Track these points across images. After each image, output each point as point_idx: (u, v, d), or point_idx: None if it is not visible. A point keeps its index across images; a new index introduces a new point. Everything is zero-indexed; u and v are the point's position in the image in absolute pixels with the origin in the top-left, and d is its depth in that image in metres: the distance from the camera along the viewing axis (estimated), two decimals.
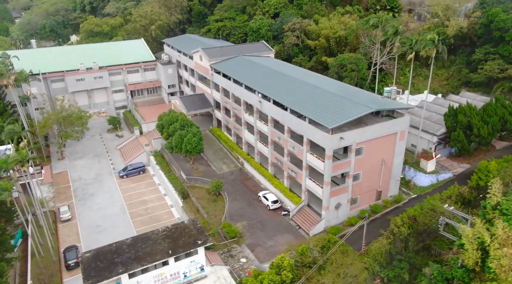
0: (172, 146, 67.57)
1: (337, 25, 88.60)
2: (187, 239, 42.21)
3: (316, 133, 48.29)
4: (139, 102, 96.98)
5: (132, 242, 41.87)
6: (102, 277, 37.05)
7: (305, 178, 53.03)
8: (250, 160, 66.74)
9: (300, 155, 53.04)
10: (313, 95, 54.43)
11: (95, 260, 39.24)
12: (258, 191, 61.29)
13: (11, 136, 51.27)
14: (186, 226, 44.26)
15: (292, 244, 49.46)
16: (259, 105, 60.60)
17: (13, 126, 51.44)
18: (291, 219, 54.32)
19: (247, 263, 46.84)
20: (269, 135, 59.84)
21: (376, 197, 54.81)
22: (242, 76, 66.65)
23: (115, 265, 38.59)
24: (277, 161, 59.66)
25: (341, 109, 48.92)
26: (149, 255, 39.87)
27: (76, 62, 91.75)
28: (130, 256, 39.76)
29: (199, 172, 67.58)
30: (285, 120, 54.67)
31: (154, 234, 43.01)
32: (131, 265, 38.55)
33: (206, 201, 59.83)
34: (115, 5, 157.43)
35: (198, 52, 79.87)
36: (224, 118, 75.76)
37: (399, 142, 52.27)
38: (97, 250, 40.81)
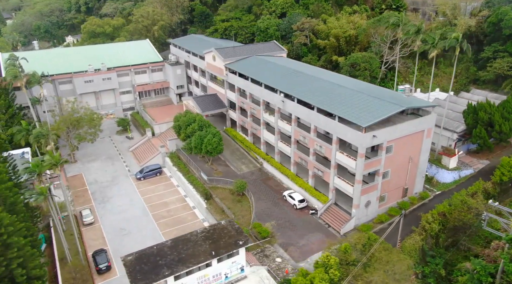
0: (191, 146, 67.16)
1: (346, 24, 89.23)
2: (228, 240, 42.02)
3: (348, 131, 48.59)
4: (147, 103, 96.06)
5: (172, 244, 41.49)
6: (149, 280, 36.64)
7: (333, 176, 53.31)
8: (270, 160, 66.76)
9: (328, 153, 53.31)
10: (338, 94, 54.73)
11: (139, 263, 38.78)
12: (281, 190, 61.37)
13: (39, 139, 50.26)
14: (224, 227, 44.06)
15: (325, 242, 49.76)
16: (282, 105, 60.67)
17: (41, 130, 50.44)
18: (319, 217, 54.53)
19: (282, 262, 46.87)
20: (293, 134, 59.95)
21: (402, 194, 55.43)
22: (261, 76, 66.59)
23: (160, 267, 38.20)
24: (301, 160, 59.80)
25: (370, 107, 49.32)
26: (192, 257, 39.57)
27: (83, 64, 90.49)
28: (174, 258, 39.41)
29: (219, 172, 67.30)
30: (311, 120, 54.86)
31: (193, 236, 42.69)
32: (176, 267, 38.21)
33: (230, 202, 59.63)
34: (112, 5, 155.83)
35: (211, 53, 79.50)
36: (240, 118, 75.60)
37: (426, 139, 52.98)
38: (139, 253, 40.33)
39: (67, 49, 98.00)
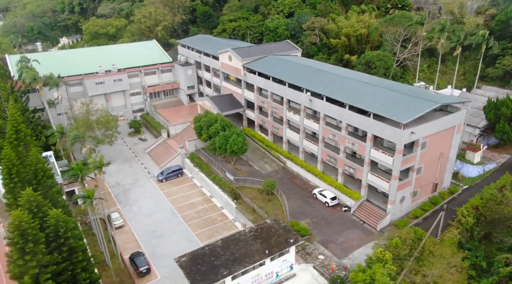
0: (216, 147, 66.95)
1: (356, 23, 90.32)
2: (277, 238, 42.19)
3: (385, 128, 49.31)
4: (158, 104, 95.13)
5: (223, 244, 41.43)
6: (209, 280, 36.53)
7: (366, 173, 54.01)
8: (294, 159, 67.08)
9: (361, 151, 53.97)
10: (367, 92, 55.48)
11: (194, 264, 38.61)
12: (310, 188, 61.80)
13: (75, 142, 49.29)
14: (271, 226, 44.21)
15: (364, 239, 50.49)
16: (309, 104, 61.07)
17: (77, 132, 49.50)
18: (352, 214, 55.15)
19: (325, 259, 47.27)
20: (321, 133, 60.42)
21: (432, 189, 56.55)
22: (283, 75, 66.81)
23: (216, 267, 38.10)
24: (330, 158, 60.34)
25: (404, 104, 50.17)
26: (247, 256, 39.60)
27: (92, 65, 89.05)
28: (228, 258, 39.36)
29: (244, 172, 67.28)
30: (343, 118, 55.42)
31: (242, 235, 42.71)
32: (233, 267, 38.18)
33: (260, 201, 59.72)
34: (109, 5, 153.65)
35: (227, 53, 79.30)
36: (259, 118, 75.69)
37: (456, 134, 54.21)
38: (192, 254, 40.14)
39: (74, 50, 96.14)
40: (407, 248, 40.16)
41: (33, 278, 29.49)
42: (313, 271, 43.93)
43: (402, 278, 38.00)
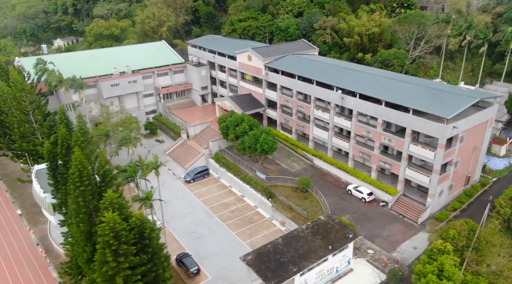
0: (245, 146, 67.01)
1: (367, 22, 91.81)
2: (336, 234, 42.74)
3: (426, 124, 50.50)
4: (171, 106, 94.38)
5: (284, 241, 41.69)
6: (281, 277, 36.75)
7: (404, 168, 55.18)
8: (323, 156, 67.78)
9: (399, 146, 55.08)
10: (400, 88, 56.71)
11: (261, 262, 38.72)
12: (342, 185, 62.63)
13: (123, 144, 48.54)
14: (325, 222, 44.71)
15: (407, 232, 51.58)
16: (340, 102, 61.89)
17: (125, 134, 48.77)
18: (390, 209, 56.22)
19: (375, 254, 48.08)
20: (353, 130, 61.29)
21: (465, 182, 58.22)
22: (310, 73, 67.44)
23: (284, 264, 38.34)
24: (363, 155, 61.30)
25: (443, 100, 51.54)
26: (311, 252, 39.99)
27: (104, 67, 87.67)
28: (293, 254, 39.67)
29: (273, 171, 67.58)
30: (379, 114, 56.40)
31: (300, 232, 43.08)
32: (301, 263, 38.52)
33: (296, 199, 60.16)
34: (105, 6, 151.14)
35: (246, 53, 79.42)
36: (282, 117, 76.09)
37: (488, 128, 56.00)
38: (256, 252, 40.24)
39: (85, 52, 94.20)
40: (463, 239, 41.31)
41: (124, 279, 29.15)
42: (368, 265, 44.66)
43: (464, 268, 39.13)
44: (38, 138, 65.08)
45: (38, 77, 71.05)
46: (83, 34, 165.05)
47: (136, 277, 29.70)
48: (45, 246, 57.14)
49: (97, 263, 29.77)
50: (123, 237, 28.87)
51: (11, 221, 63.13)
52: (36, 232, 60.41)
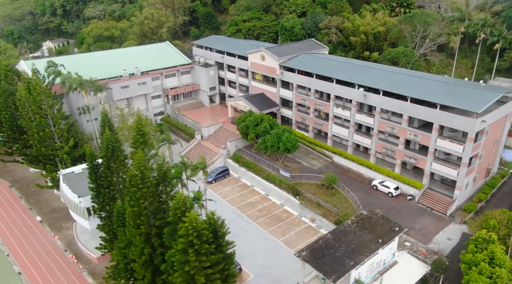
0: (267, 145, 67.44)
1: (372, 22, 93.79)
2: (381, 227, 43.77)
3: (454, 118, 52.22)
4: (180, 107, 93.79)
5: (334, 236, 42.41)
6: (340, 272, 37.46)
7: (431, 162, 56.86)
8: (343, 153, 68.91)
9: (425, 141, 56.69)
10: (423, 85, 58.33)
11: (316, 257, 39.31)
12: (365, 181, 63.87)
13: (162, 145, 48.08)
14: (369, 216, 45.70)
15: (438, 224, 53.20)
16: (362, 99, 63.15)
17: (165, 136, 48.34)
18: (417, 202, 57.80)
19: (413, 246, 49.44)
20: (376, 126, 62.65)
21: (485, 174, 60.45)
22: (330, 72, 68.46)
23: (340, 259, 39.05)
24: (386, 150, 62.74)
25: (468, 95, 53.37)
26: (362, 246, 40.85)
27: (112, 69, 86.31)
28: (346, 249, 40.44)
29: (296, 169, 68.26)
30: (404, 110, 57.86)
31: (347, 227, 43.90)
32: (356, 257, 39.32)
33: (324, 195, 61.03)
34: (98, 7, 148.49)
35: (259, 52, 79.82)
36: (298, 115, 76.85)
37: (507, 122, 58.35)
38: (309, 248, 40.79)
39: (91, 54, 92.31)
40: (503, 228, 43.07)
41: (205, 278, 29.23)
42: (410, 257, 45.91)
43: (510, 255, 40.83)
44: (56, 142, 63.76)
45: (51, 80, 69.44)
46: (73, 36, 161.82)
47: (215, 275, 29.79)
48: (74, 252, 56.06)
49: (177, 264, 29.64)
50: (204, 236, 28.91)
51: (33, 228, 61.55)
52: (61, 238, 59.15)
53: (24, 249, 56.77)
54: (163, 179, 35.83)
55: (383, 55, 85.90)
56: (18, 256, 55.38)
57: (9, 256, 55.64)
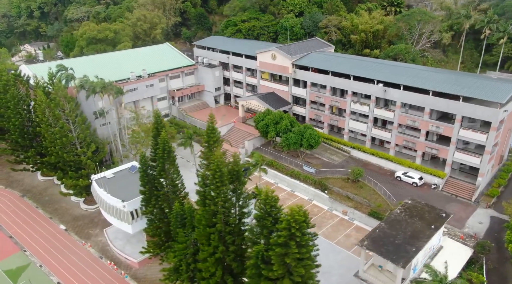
0: (290, 143, 68.56)
1: (370, 20, 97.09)
2: (429, 214, 46.02)
3: (478, 109, 55.53)
4: (185, 108, 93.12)
5: (387, 225, 44.18)
6: (406, 258, 39.22)
7: (453, 152, 60.08)
8: (361, 147, 71.19)
9: (447, 132, 59.83)
10: (440, 79, 61.47)
11: (379, 246, 40.91)
12: (387, 173, 66.37)
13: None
14: (414, 205, 47.88)
15: (466, 210, 56.37)
16: (382, 94, 65.64)
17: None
18: (442, 190, 60.88)
19: (449, 231, 52.12)
20: (396, 120, 65.29)
21: (499, 161, 64.53)
22: (346, 69, 70.52)
23: (401, 246, 40.83)
24: (407, 142, 65.54)
25: (487, 87, 56.92)
26: (417, 233, 42.85)
27: (117, 71, 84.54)
28: (404, 236, 42.30)
29: (318, 165, 69.80)
30: (426, 104, 60.74)
31: (397, 216, 45.81)
32: (415, 243, 41.24)
33: (352, 189, 62.94)
34: (81, 9, 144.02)
35: (269, 52, 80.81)
36: (312, 112, 78.48)
37: None
38: (369, 237, 42.28)
39: (91, 57, 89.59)
40: None
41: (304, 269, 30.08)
42: (452, 241, 48.54)
43: None
44: (77, 148, 62.12)
45: (65, 84, 67.34)
46: (53, 39, 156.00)
47: (311, 266, 30.68)
48: (110, 258, 54.89)
49: (275, 257, 30.19)
50: (304, 228, 29.75)
51: (59, 237, 59.59)
52: (93, 245, 57.66)
53: (57, 259, 54.95)
54: (237, 177, 36.19)
55: (385, 52, 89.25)
56: (52, 266, 53.55)
57: (42, 267, 53.67)
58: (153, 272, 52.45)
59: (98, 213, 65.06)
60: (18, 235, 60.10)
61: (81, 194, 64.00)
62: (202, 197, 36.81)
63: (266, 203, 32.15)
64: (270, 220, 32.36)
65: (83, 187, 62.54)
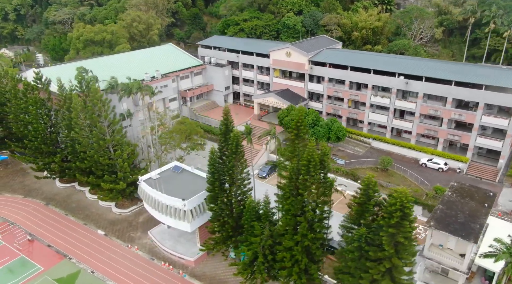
0: (318, 136, 70.71)
1: (368, 17, 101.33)
2: (478, 195, 49.54)
3: (500, 97, 60.25)
4: (196, 108, 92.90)
5: (445, 206, 47.14)
6: (475, 234, 42.30)
7: (475, 137, 64.66)
8: (382, 138, 74.63)
9: (470, 119, 64.29)
10: (457, 70, 66.02)
11: (446, 225, 43.70)
12: (411, 161, 70.13)
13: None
14: (461, 187, 51.24)
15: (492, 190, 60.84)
16: (404, 86, 69.26)
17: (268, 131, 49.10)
18: (466, 174, 65.32)
19: None
20: (418, 110, 69.16)
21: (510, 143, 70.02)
22: (364, 63, 73.67)
23: (465, 224, 43.86)
24: (429, 131, 69.56)
25: (501, 75, 61.91)
26: (475, 212, 46.15)
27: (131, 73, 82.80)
28: (464, 215, 45.45)
29: (344, 156, 72.46)
30: (450, 93, 64.91)
31: (450, 197, 48.95)
32: (477, 221, 44.50)
33: (383, 177, 65.98)
34: (63, 11, 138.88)
35: (284, 49, 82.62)
36: (330, 107, 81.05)
37: None
38: (433, 218, 44.99)
39: (98, 59, 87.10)
40: None
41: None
42: (494, 218, 52.50)
43: None
44: (110, 151, 61.01)
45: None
46: (30, 42, 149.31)
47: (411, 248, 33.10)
48: (162, 259, 54.48)
49: (386, 239, 32.00)
50: (412, 207, 31.86)
51: (101, 242, 58.21)
52: (140, 248, 56.88)
53: (107, 264, 53.79)
54: (324, 166, 37.74)
55: (389, 48, 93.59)
56: (105, 272, 52.41)
57: (94, 273, 52.40)
58: (210, 268, 52.73)
59: (134, 216, 64.27)
60: (56, 244, 58.08)
61: (117, 198, 62.78)
62: (291, 188, 38.04)
63: (369, 188, 33.88)
64: (373, 204, 34.14)
65: (119, 190, 61.46)
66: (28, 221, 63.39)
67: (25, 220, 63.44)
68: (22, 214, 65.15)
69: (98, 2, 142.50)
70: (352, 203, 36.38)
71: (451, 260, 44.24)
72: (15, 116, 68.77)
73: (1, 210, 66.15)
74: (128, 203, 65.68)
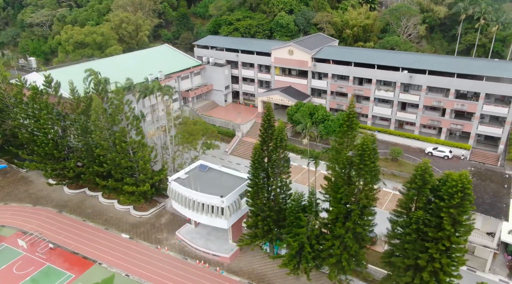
0: (329, 130, 72.90)
1: (358, 16, 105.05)
2: (495, 177, 53.38)
3: (501, 87, 64.85)
4: (199, 108, 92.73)
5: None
6: (504, 212, 45.77)
7: (476, 125, 69.13)
8: (387, 130, 77.96)
9: (472, 108, 68.65)
10: (458, 63, 70.38)
11: (477, 206, 46.97)
12: (416, 151, 73.81)
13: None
14: (478, 171, 54.99)
15: None
16: (407, 80, 72.81)
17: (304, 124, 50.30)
18: (469, 160, 69.67)
19: None
20: (422, 102, 72.95)
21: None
22: (367, 59, 76.75)
23: (492, 204, 47.33)
24: (432, 122, 73.49)
25: (499, 67, 66.68)
26: (497, 193, 49.81)
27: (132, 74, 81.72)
28: (488, 195, 48.94)
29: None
30: (452, 85, 68.98)
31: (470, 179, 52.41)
32: (502, 201, 48.04)
33: (393, 167, 69.23)
34: (41, 12, 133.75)
35: (286, 47, 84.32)
36: (334, 102, 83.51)
37: None
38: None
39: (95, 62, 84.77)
40: None
41: None
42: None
43: None
44: (129, 153, 60.28)
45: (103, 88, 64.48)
46: (4, 45, 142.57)
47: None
48: (195, 257, 54.56)
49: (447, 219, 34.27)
50: (471, 193, 34.36)
51: (129, 246, 57.36)
52: (170, 249, 56.61)
53: (140, 266, 53.19)
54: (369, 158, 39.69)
55: (381, 44, 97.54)
56: (140, 274, 51.82)
57: (129, 276, 51.72)
58: (245, 264, 53.44)
59: (155, 218, 63.69)
60: (81, 250, 56.62)
61: (139, 200, 62.04)
62: (343, 177, 39.73)
63: (426, 172, 36.06)
64: (429, 187, 36.38)
65: (141, 192, 60.81)
66: (45, 229, 61.25)
67: (41, 228, 61.26)
68: (36, 222, 62.84)
69: (77, 3, 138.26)
70: (406, 188, 38.36)
71: (481, 239, 47.57)
72: (19, 123, 66.27)
73: (14, 220, 63.52)
74: (146, 206, 64.94)
